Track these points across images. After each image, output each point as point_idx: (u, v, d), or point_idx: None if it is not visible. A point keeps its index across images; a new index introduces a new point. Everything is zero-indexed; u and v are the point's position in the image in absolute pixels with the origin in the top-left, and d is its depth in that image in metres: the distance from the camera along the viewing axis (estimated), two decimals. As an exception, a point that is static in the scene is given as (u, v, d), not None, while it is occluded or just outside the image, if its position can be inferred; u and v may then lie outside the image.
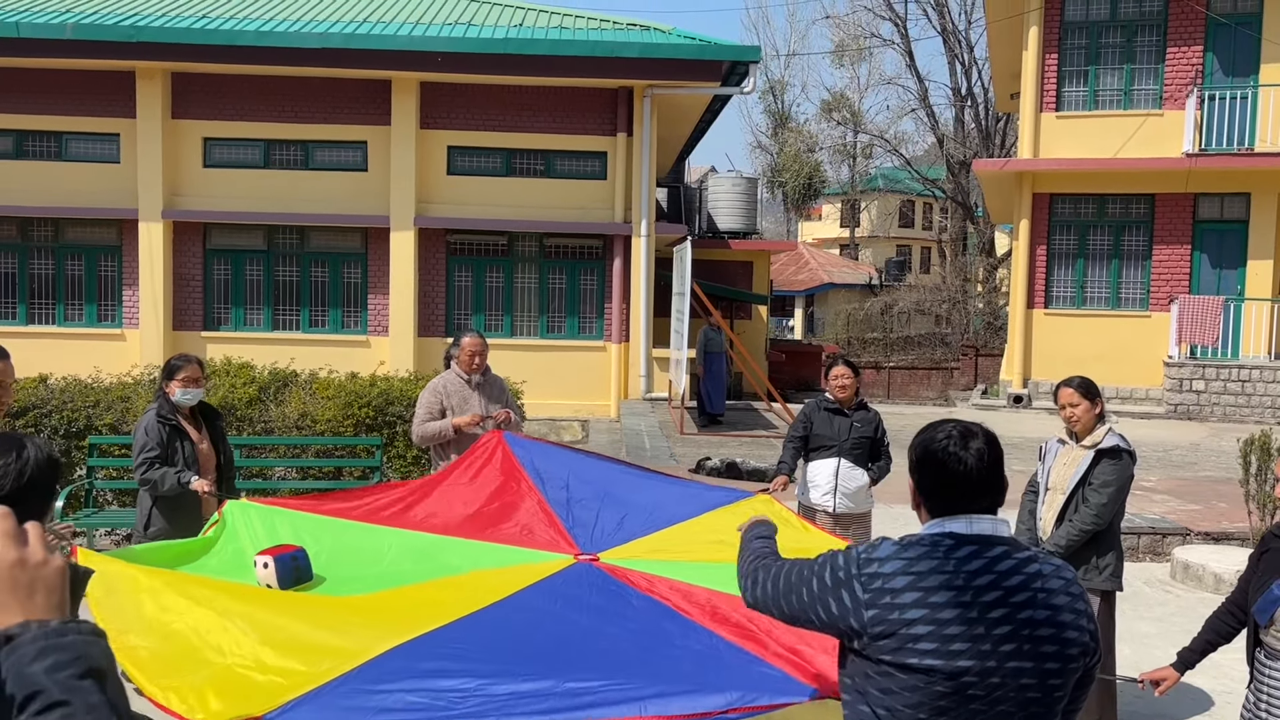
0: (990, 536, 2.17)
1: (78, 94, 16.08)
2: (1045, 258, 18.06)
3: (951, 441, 2.21)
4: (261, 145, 16.50)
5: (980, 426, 2.29)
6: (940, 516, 2.21)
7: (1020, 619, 2.08)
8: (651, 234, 16.57)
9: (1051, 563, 2.21)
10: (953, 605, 2.07)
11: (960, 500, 2.19)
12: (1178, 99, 17.27)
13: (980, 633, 2.06)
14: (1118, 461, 4.71)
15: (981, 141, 32.53)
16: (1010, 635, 2.07)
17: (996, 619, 2.08)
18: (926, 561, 2.12)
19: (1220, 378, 16.28)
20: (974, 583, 2.09)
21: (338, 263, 16.82)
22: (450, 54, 15.50)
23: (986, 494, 2.20)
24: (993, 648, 2.06)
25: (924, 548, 2.15)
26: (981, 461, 2.19)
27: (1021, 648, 2.07)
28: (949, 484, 2.20)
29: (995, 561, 2.12)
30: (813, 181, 43.09)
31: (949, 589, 2.08)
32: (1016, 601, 2.09)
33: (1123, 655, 5.01)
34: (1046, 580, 2.14)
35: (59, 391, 8.48)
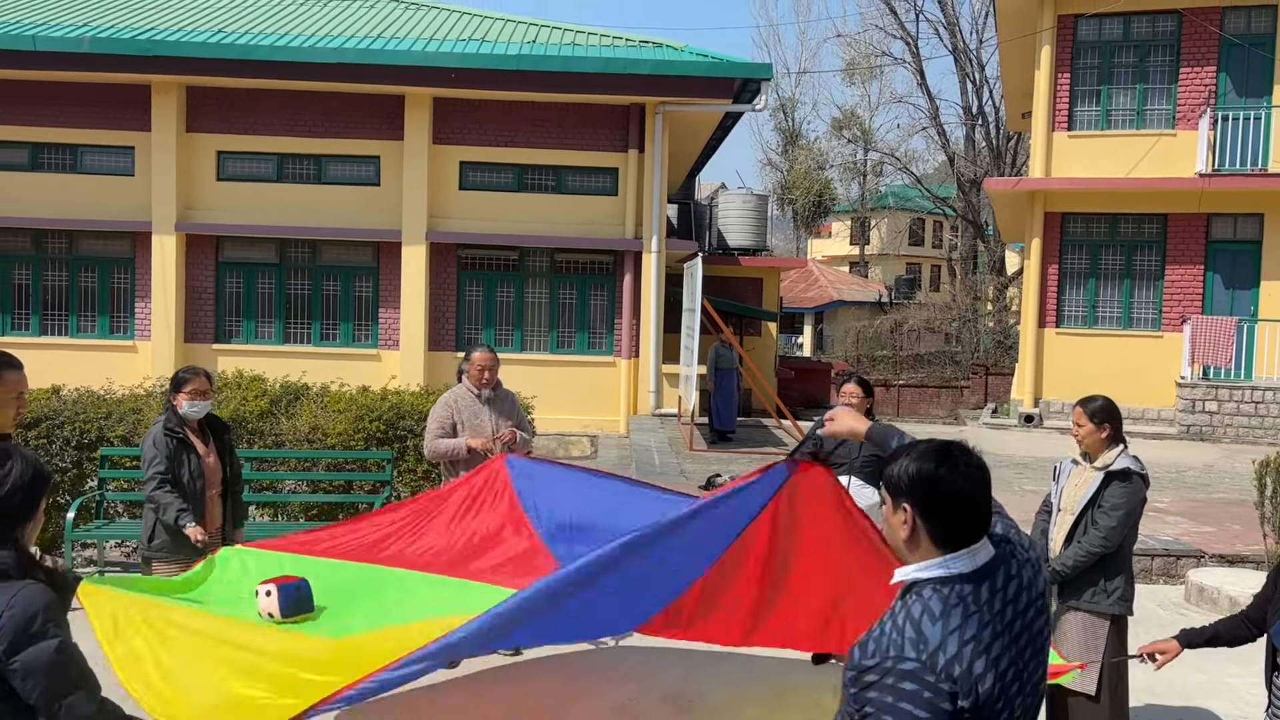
0: (991, 563, 2.13)
1: (93, 107, 16.18)
2: (1057, 277, 18.01)
3: (956, 460, 2.13)
4: (275, 159, 16.57)
5: (966, 443, 2.22)
6: (941, 544, 2.12)
7: (1034, 632, 2.14)
8: (662, 250, 16.59)
9: (1026, 558, 2.21)
10: (1003, 653, 2.05)
11: (971, 524, 2.12)
12: (1191, 119, 17.23)
13: (1020, 665, 2.09)
14: (1128, 484, 4.66)
15: (992, 160, 32.52)
16: (1033, 652, 2.14)
17: (1024, 644, 2.12)
18: (972, 623, 2.04)
19: (1233, 399, 16.18)
20: (1005, 620, 2.09)
21: (349, 276, 16.86)
22: (463, 70, 15.57)
23: (988, 513, 2.17)
24: (1028, 671, 2.12)
25: (958, 608, 2.05)
26: (983, 476, 2.15)
27: (1039, 657, 2.16)
28: (957, 505, 2.11)
29: (1005, 588, 2.12)
30: (823, 199, 43.13)
31: (995, 638, 2.05)
32: (1028, 619, 2.14)
33: (1136, 679, 4.95)
34: (1035, 582, 2.19)
35: (71, 403, 8.50)
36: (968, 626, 2.03)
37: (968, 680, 1.98)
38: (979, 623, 2.04)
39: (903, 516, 2.16)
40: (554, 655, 6.44)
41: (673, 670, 6.15)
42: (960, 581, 2.08)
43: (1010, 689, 2.05)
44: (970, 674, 1.99)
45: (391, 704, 5.50)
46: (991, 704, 2.01)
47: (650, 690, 5.83)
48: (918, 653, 2.00)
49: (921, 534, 2.13)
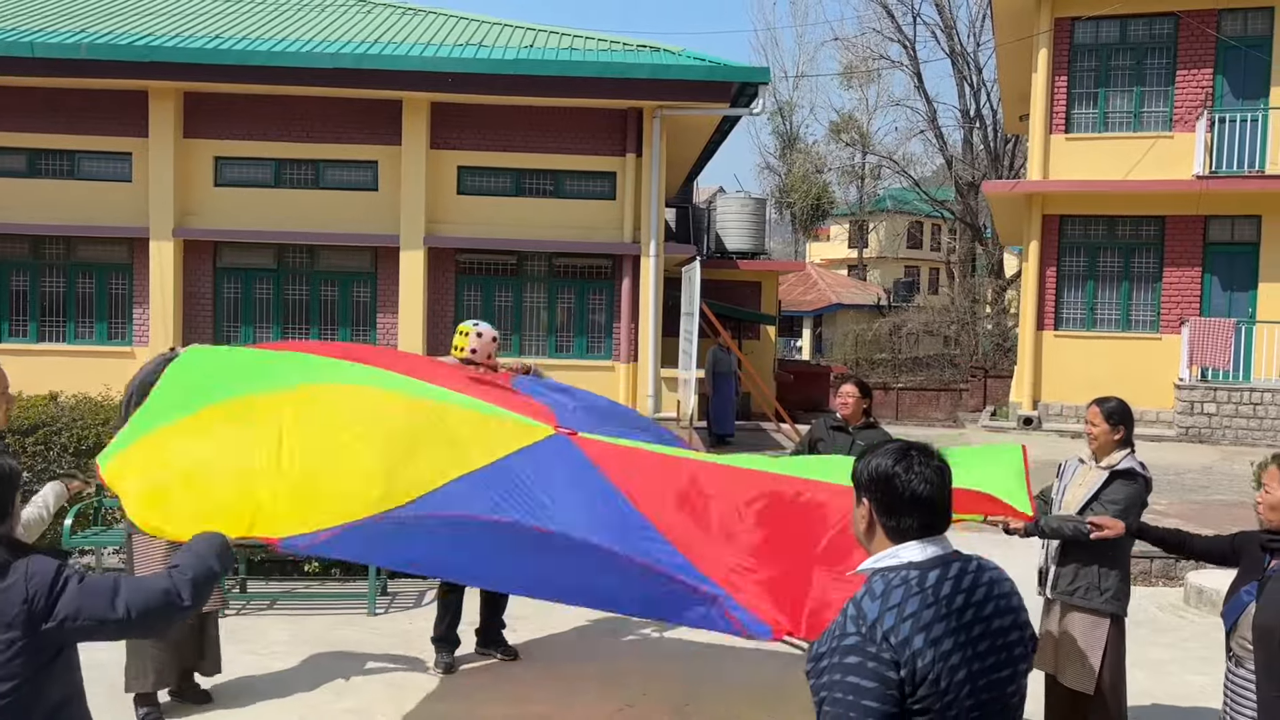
0: (942, 555, 2.19)
1: (90, 113, 16.17)
2: (1055, 279, 18.02)
3: (913, 461, 2.22)
4: (272, 164, 16.57)
5: (932, 446, 2.30)
6: (896, 538, 2.20)
7: (994, 630, 2.16)
8: (660, 254, 16.58)
9: (990, 565, 2.27)
10: (947, 636, 2.09)
11: (923, 521, 2.20)
12: (1188, 121, 17.25)
13: (970, 654, 2.11)
14: (1131, 483, 4.69)
15: (990, 163, 32.54)
16: (990, 648, 2.14)
17: (978, 635, 2.13)
18: (911, 601, 2.11)
19: (1232, 400, 16.18)
20: (952, 607, 2.12)
21: (347, 282, 16.85)
22: (461, 74, 15.56)
23: (944, 514, 2.23)
24: (981, 665, 2.12)
25: (899, 589, 2.12)
26: (941, 479, 2.22)
27: (1000, 657, 2.16)
28: (912, 504, 2.19)
29: (959, 580, 2.16)
30: (821, 202, 43.14)
31: (939, 620, 2.10)
32: (986, 614, 2.16)
33: (1136, 681, 4.95)
34: (1000, 585, 2.23)
35: (69, 409, 8.48)
36: (907, 604, 2.09)
37: (905, 650, 2.04)
38: (920, 602, 2.09)
39: (862, 511, 2.27)
40: (551, 660, 6.43)
41: (670, 675, 6.14)
42: (906, 569, 2.16)
43: (956, 675, 2.07)
44: (907, 645, 2.04)
45: (393, 704, 5.50)
46: (933, 684, 2.04)
47: (647, 697, 5.82)
48: (857, 627, 2.08)
49: (878, 528, 2.23)
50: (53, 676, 2.45)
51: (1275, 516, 3.47)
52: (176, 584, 2.64)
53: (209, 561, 2.83)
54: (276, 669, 6.11)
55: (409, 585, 8.05)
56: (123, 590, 2.53)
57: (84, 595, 2.45)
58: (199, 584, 2.71)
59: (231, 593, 7.57)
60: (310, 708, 5.53)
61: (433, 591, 7.10)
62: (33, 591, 2.38)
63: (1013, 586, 2.27)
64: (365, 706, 5.54)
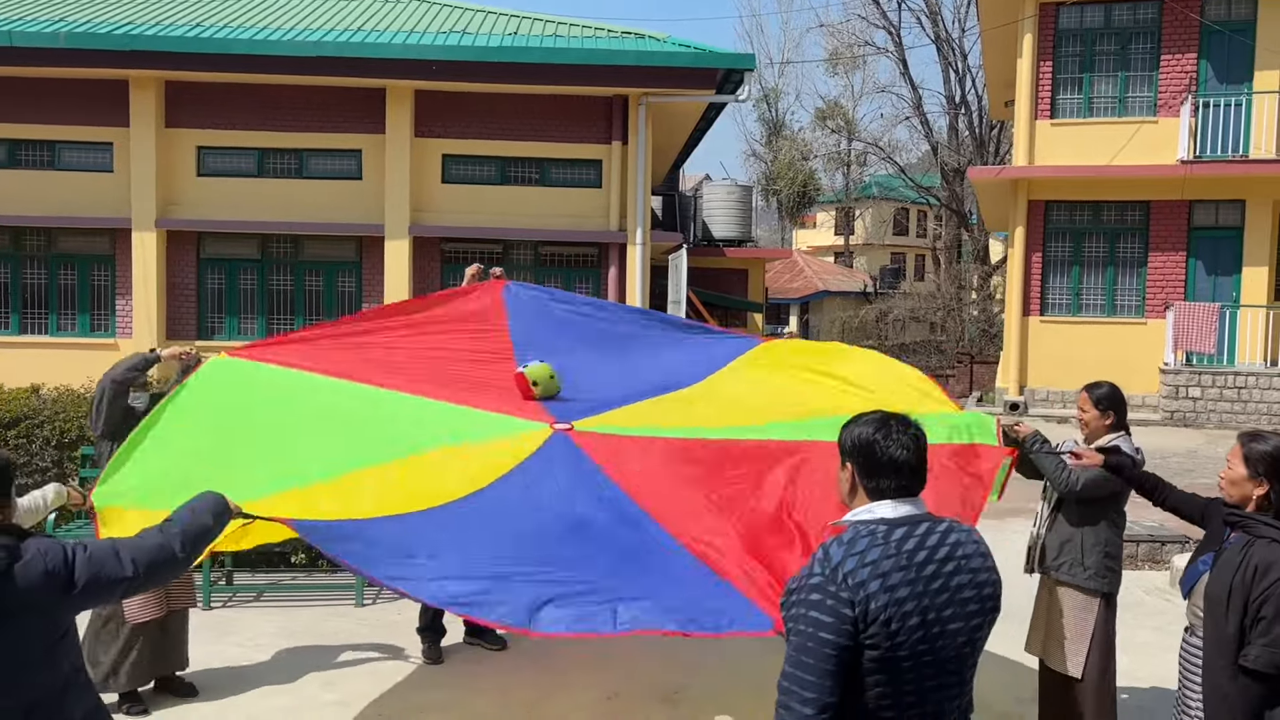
0: (915, 515, 2.44)
1: (71, 102, 16.02)
2: (1041, 265, 18.05)
3: (891, 429, 2.47)
4: (255, 154, 16.45)
5: (909, 417, 2.55)
6: (875, 498, 2.46)
7: (952, 585, 2.39)
8: (647, 242, 16.55)
9: (963, 529, 2.50)
10: (904, 584, 2.32)
11: (899, 483, 2.45)
12: (1172, 106, 17.28)
13: (926, 604, 2.34)
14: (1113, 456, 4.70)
15: (975, 149, 32.55)
16: (947, 601, 2.37)
17: (936, 589, 2.36)
18: (873, 550, 2.34)
19: (1216, 384, 16.26)
20: (914, 560, 2.36)
21: (332, 272, 16.76)
22: (445, 62, 15.47)
23: (918, 477, 2.48)
24: (936, 615, 2.35)
25: (865, 539, 2.37)
26: (917, 445, 2.47)
27: (955, 611, 2.38)
28: (891, 468, 2.44)
29: (925, 538, 2.40)
30: (807, 189, 43.09)
31: (898, 570, 2.33)
32: (947, 571, 2.39)
33: (1122, 664, 4.96)
34: (964, 547, 2.45)
35: (51, 402, 8.42)
36: (869, 553, 2.34)
37: (860, 592, 2.29)
38: (881, 553, 2.34)
39: (846, 474, 2.53)
40: (538, 650, 6.42)
41: (657, 662, 6.14)
42: (878, 523, 2.41)
43: (909, 620, 2.30)
44: (863, 588, 2.29)
45: (382, 695, 5.48)
46: (884, 624, 2.28)
47: (635, 682, 5.82)
48: (823, 569, 2.34)
49: (859, 489, 2.50)
50: (65, 648, 2.59)
51: (1235, 491, 3.52)
52: (168, 538, 2.76)
53: (203, 518, 2.92)
54: (263, 660, 6.08)
55: (396, 575, 8.03)
56: (124, 550, 2.65)
57: (94, 561, 2.57)
58: (191, 537, 2.81)
59: (218, 585, 7.54)
60: (298, 699, 5.51)
61: (420, 581, 7.08)
62: (51, 565, 2.49)
63: (979, 551, 2.48)
64: (352, 697, 5.52)
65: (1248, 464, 3.46)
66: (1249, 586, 3.30)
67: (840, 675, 2.28)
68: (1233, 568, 3.38)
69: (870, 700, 2.32)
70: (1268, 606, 3.25)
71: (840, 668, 2.28)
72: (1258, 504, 3.44)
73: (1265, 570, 3.28)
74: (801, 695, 2.28)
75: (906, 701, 2.33)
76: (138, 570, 2.63)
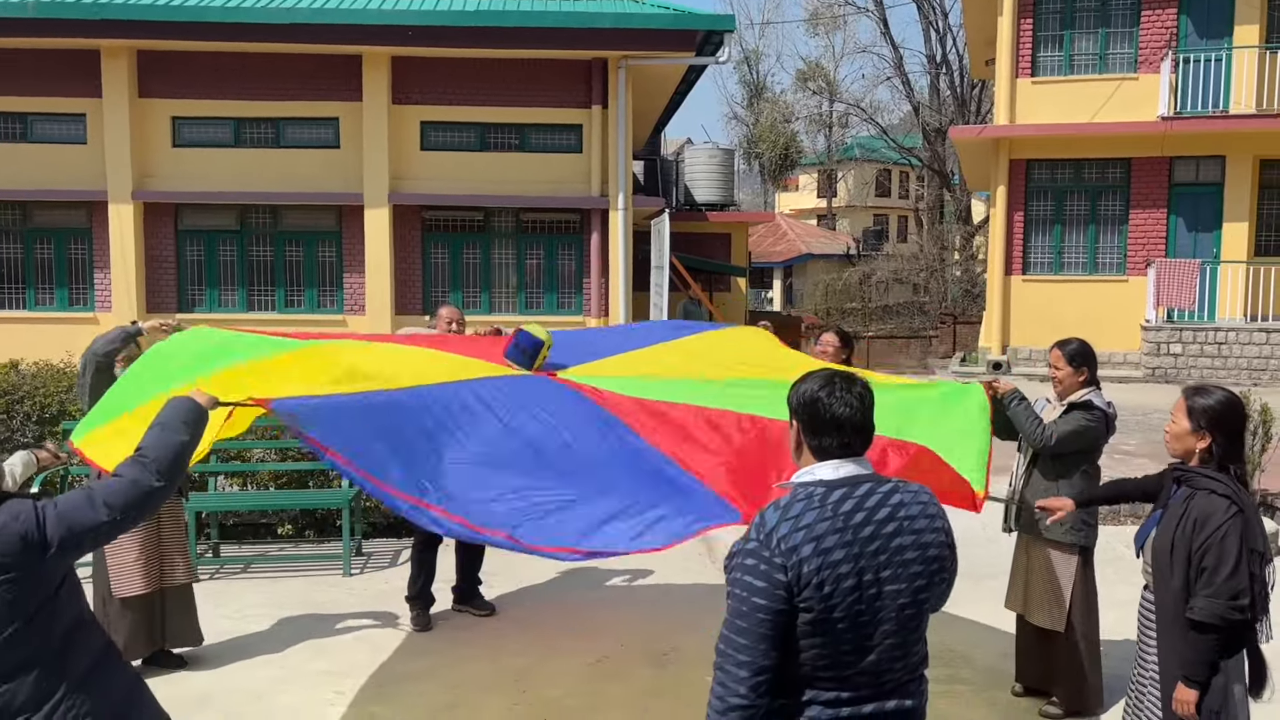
0: (857, 475, 2.44)
1: (42, 74, 15.78)
2: (1023, 224, 18.07)
3: (835, 387, 2.48)
4: (231, 123, 16.26)
5: (856, 375, 2.56)
6: (819, 456, 2.47)
7: (892, 547, 2.38)
8: (629, 207, 16.47)
9: (909, 489, 2.49)
10: (839, 547, 2.32)
11: (842, 440, 2.46)
12: (1153, 62, 17.25)
13: (863, 565, 2.34)
14: (1085, 414, 4.77)
15: (957, 109, 32.47)
16: (886, 562, 2.37)
17: (874, 550, 2.36)
18: (808, 513, 2.35)
19: (1197, 340, 16.36)
20: (850, 522, 2.36)
21: (312, 241, 16.64)
22: (421, 28, 15.29)
23: (861, 435, 2.48)
24: (874, 576, 2.35)
25: (801, 502, 2.38)
26: (864, 403, 2.48)
27: (896, 572, 2.38)
28: (833, 425, 2.45)
29: (864, 499, 2.40)
30: (789, 152, 42.92)
31: (833, 532, 2.33)
32: (887, 532, 2.38)
33: (1105, 620, 5.02)
34: (908, 508, 2.43)
35: (30, 377, 8.35)
36: (804, 516, 2.35)
37: (793, 556, 2.31)
38: (817, 516, 2.35)
39: (793, 430, 2.55)
40: (527, 616, 6.45)
41: (647, 626, 6.18)
42: (816, 485, 2.42)
43: (844, 583, 2.31)
44: (795, 552, 2.31)
45: (372, 663, 5.50)
46: (817, 587, 2.29)
47: (626, 646, 5.85)
48: (758, 534, 2.37)
49: (804, 447, 2.52)
50: (62, 602, 2.59)
51: (1178, 445, 3.57)
52: (141, 471, 2.71)
53: (174, 435, 2.84)
54: (252, 631, 6.09)
55: (384, 546, 8.04)
56: (96, 494, 2.63)
57: (64, 515, 2.56)
58: (165, 462, 2.76)
59: (205, 558, 7.53)
60: (287, 669, 5.52)
61: (407, 551, 7.09)
62: (24, 528, 2.49)
63: (925, 513, 2.46)
64: (342, 666, 5.53)
65: (1190, 417, 3.50)
66: (1189, 539, 3.35)
67: (775, 639, 2.31)
68: (1174, 521, 3.44)
69: (808, 661, 2.34)
70: (1208, 557, 3.29)
71: (775, 631, 2.30)
72: (1200, 457, 3.48)
73: (1204, 522, 3.33)
74: (736, 659, 2.31)
75: (845, 661, 2.35)
76: (114, 512, 2.61)
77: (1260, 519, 3.42)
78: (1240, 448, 3.52)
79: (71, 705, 2.57)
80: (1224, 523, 3.30)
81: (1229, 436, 3.46)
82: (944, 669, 5.40)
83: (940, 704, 4.96)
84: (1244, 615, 3.27)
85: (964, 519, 8.09)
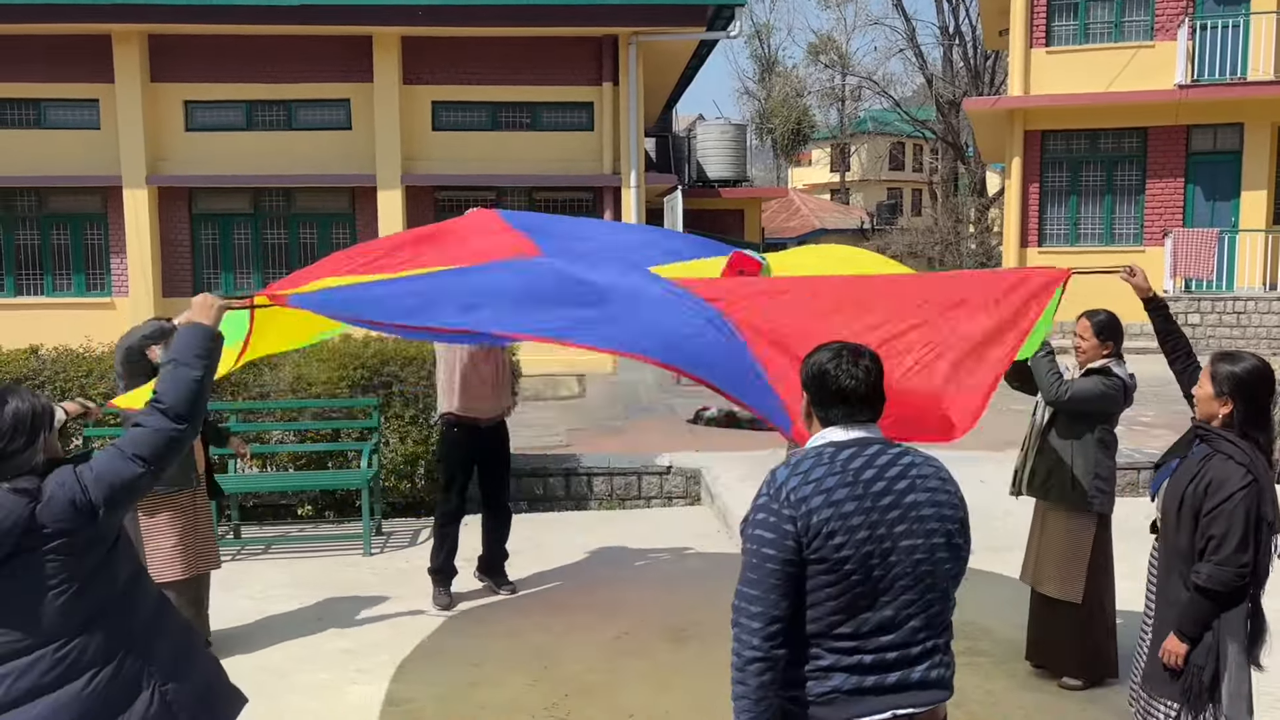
0: (866, 438, 2.50)
1: (54, 60, 15.80)
2: (1038, 195, 17.95)
3: (843, 360, 2.52)
4: (243, 107, 16.27)
5: (865, 347, 2.60)
6: (828, 426, 2.53)
7: (905, 503, 2.43)
8: (641, 184, 16.43)
9: (920, 454, 2.54)
10: (850, 499, 2.38)
11: (847, 411, 2.51)
12: (1169, 30, 17.06)
13: (876, 519, 2.39)
14: (1103, 378, 4.74)
15: (970, 80, 32.21)
16: (900, 517, 2.41)
17: (887, 505, 2.41)
18: (818, 469, 2.43)
19: (1216, 310, 16.26)
20: (861, 477, 2.42)
21: (326, 223, 16.66)
22: (431, 7, 15.23)
23: (868, 406, 2.53)
24: (888, 530, 2.39)
25: (811, 459, 2.45)
26: (868, 376, 2.52)
27: (910, 527, 2.42)
28: (839, 397, 2.51)
29: (874, 457, 2.46)
30: (801, 126, 42.70)
31: (843, 486, 2.40)
32: (900, 489, 2.43)
33: (1125, 589, 5.02)
34: (920, 469, 2.50)
35: (50, 362, 8.41)
36: (813, 471, 2.42)
37: (802, 507, 2.37)
38: (826, 470, 2.42)
39: (804, 401, 2.62)
40: (548, 594, 6.49)
41: (667, 602, 6.21)
42: (824, 445, 2.50)
43: (856, 534, 2.36)
44: (805, 503, 2.37)
45: (393, 642, 5.55)
46: (827, 536, 2.35)
47: (645, 623, 5.88)
48: (769, 490, 2.45)
49: (814, 417, 2.58)
50: (119, 556, 2.69)
51: (1203, 409, 3.58)
52: (163, 417, 2.74)
53: (188, 372, 2.81)
54: (274, 612, 6.14)
55: (403, 525, 8.10)
56: (125, 448, 2.68)
57: (102, 475, 2.61)
58: (183, 405, 2.76)
59: (226, 539, 7.59)
60: (309, 648, 5.57)
61: (427, 530, 7.14)
62: (71, 494, 2.56)
63: (937, 475, 2.52)
64: (364, 645, 5.58)
65: (1214, 382, 3.51)
66: (1199, 500, 3.38)
67: (786, 590, 2.36)
68: (1188, 477, 3.46)
69: (824, 613, 2.38)
70: (1217, 525, 3.32)
71: (785, 582, 2.36)
72: (1223, 422, 3.49)
73: (1218, 487, 3.35)
74: (749, 610, 2.38)
75: (861, 612, 2.38)
76: (145, 463, 2.66)
77: (1275, 489, 3.43)
78: (1265, 417, 3.52)
79: (137, 656, 2.67)
80: (1236, 491, 3.32)
81: (1250, 404, 3.46)
82: (964, 641, 5.40)
83: (960, 676, 4.95)
84: (1245, 581, 3.33)
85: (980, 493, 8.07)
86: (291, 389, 8.23)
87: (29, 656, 2.54)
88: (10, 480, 2.56)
